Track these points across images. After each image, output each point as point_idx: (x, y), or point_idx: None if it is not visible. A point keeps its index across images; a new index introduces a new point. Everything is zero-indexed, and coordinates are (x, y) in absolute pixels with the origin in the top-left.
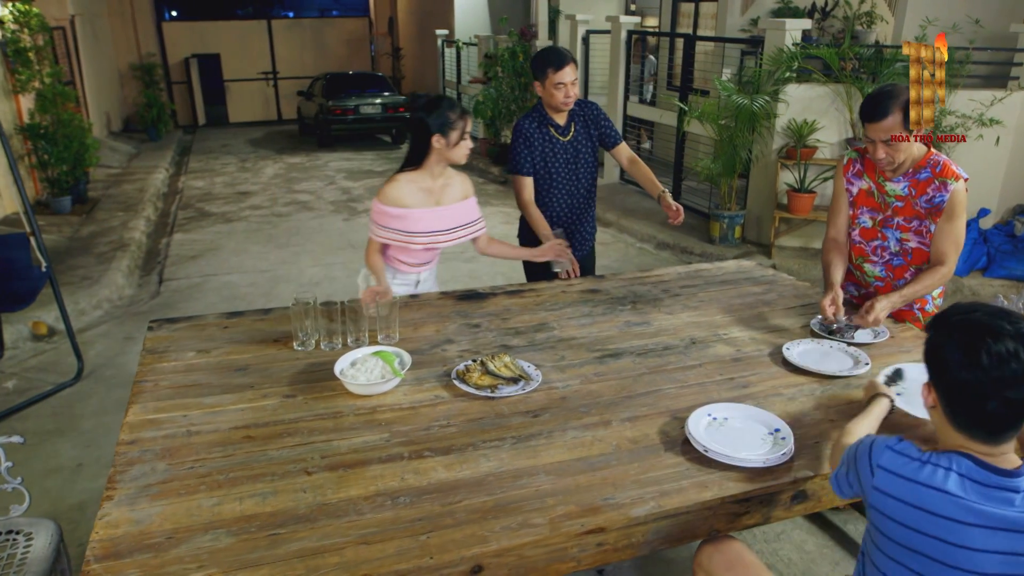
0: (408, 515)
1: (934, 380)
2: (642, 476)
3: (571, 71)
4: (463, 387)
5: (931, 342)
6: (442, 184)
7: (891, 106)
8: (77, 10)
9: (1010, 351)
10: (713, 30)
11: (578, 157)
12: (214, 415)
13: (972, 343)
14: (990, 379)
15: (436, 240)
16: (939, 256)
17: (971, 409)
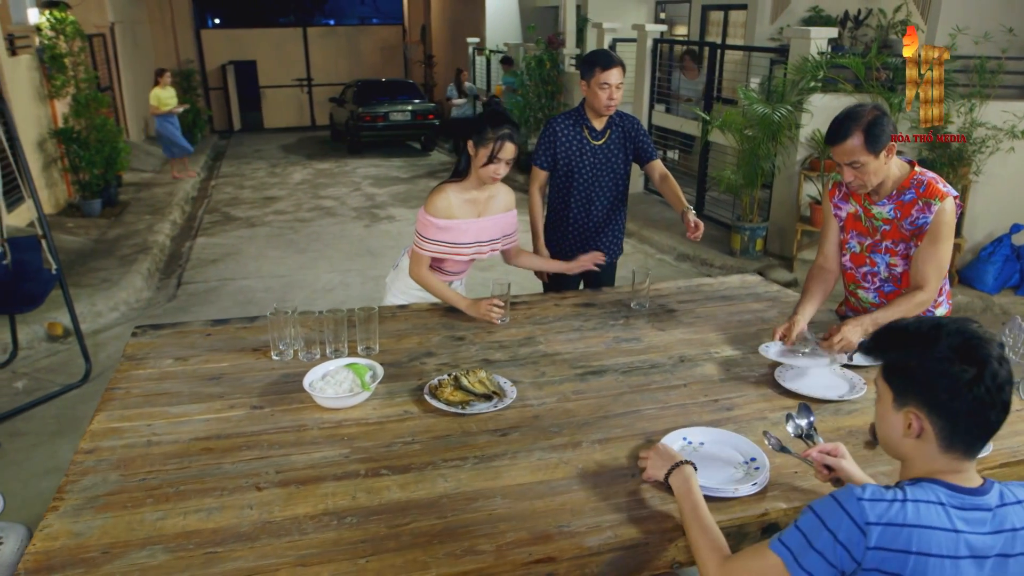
0: (352, 536)
1: (925, 405)
2: (603, 503)
3: (618, 74)
4: (434, 403)
5: (915, 370)
6: (488, 196)
7: (851, 128)
8: (117, 17)
9: (1000, 354)
10: (742, 38)
11: (606, 164)
12: (178, 425)
13: (979, 356)
14: (997, 387)
15: (480, 252)
16: (918, 280)
17: (978, 424)
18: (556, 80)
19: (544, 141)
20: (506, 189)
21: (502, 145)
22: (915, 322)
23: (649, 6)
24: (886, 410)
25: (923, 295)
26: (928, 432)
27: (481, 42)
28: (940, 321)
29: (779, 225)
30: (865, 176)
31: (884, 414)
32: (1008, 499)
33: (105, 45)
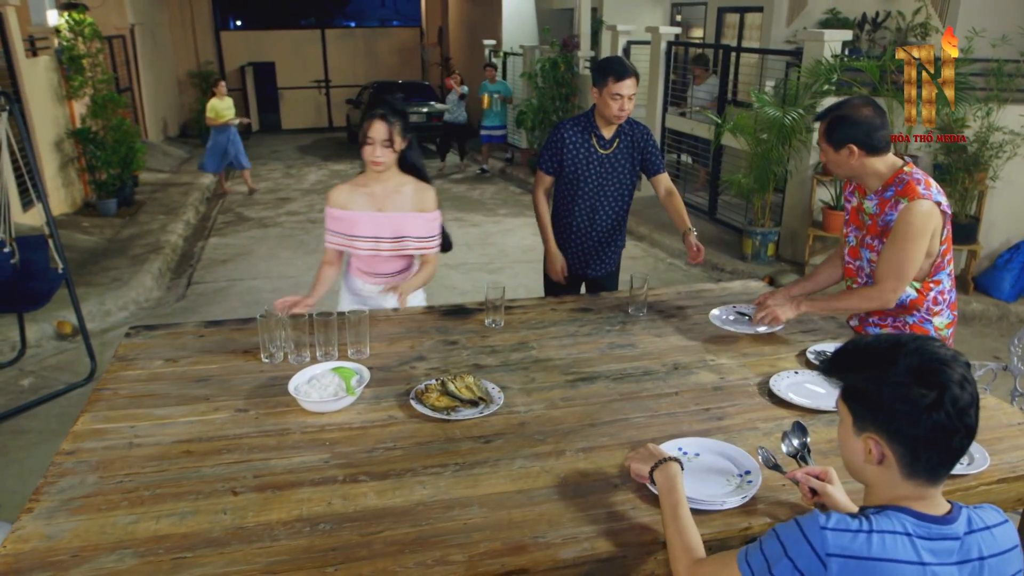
0: (323, 544)
1: (886, 432)
2: (582, 514)
3: (631, 84)
4: (419, 408)
5: (874, 394)
6: (389, 190)
7: (821, 118)
8: (137, 19)
9: (962, 376)
10: (759, 41)
11: (612, 173)
12: (161, 427)
13: (938, 380)
14: (958, 412)
15: (379, 248)
16: (878, 277)
17: (941, 450)
18: (570, 83)
19: (551, 146)
20: (420, 188)
21: (370, 123)
22: (873, 341)
23: (665, 8)
24: (847, 434)
25: (875, 292)
26: (889, 459)
27: (498, 44)
28: (899, 340)
29: (791, 230)
30: (836, 169)
31: (845, 438)
32: (976, 525)
33: (125, 46)
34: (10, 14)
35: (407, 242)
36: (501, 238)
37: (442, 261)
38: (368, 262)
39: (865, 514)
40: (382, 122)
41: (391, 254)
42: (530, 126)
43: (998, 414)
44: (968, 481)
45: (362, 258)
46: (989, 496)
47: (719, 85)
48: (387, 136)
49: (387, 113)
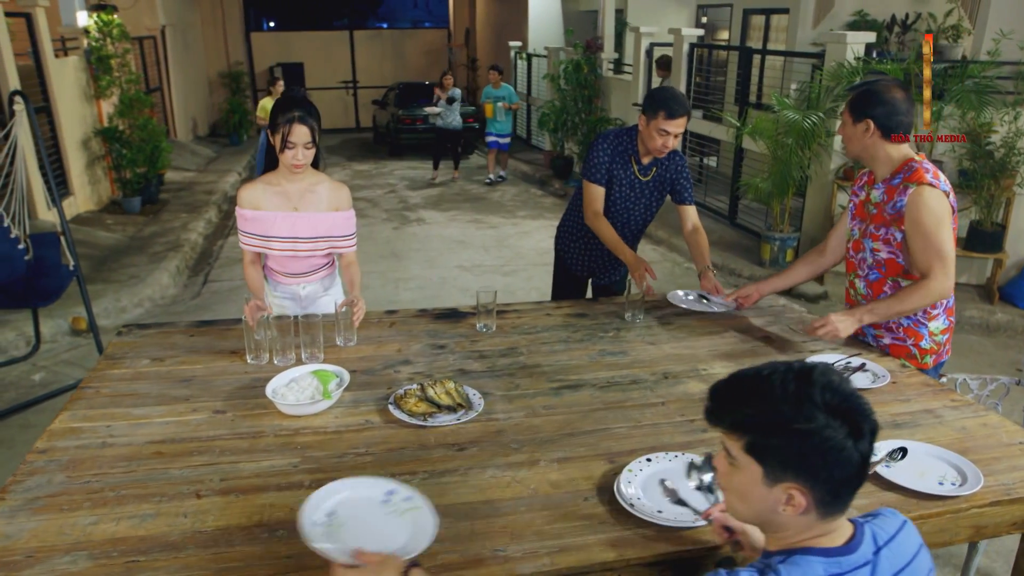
0: (279, 551)
1: (806, 477)
2: (548, 527)
3: (682, 124)
4: (396, 413)
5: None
6: (303, 189)
7: None
8: (168, 20)
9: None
10: (784, 43)
11: (641, 199)
12: (137, 427)
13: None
14: (871, 444)
15: (297, 248)
16: (922, 270)
17: (858, 483)
18: (593, 85)
19: (598, 158)
20: (334, 187)
21: (291, 128)
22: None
23: (691, 10)
24: (751, 484)
25: (933, 283)
26: (810, 504)
27: (523, 46)
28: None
29: (811, 236)
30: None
31: (748, 488)
32: (881, 540)
33: (156, 47)
34: (39, 15)
35: (325, 242)
36: (518, 240)
37: (456, 263)
38: (283, 262)
39: (771, 565)
40: (303, 125)
41: (308, 254)
42: (552, 128)
43: (999, 432)
44: (958, 503)
45: (276, 258)
46: (982, 520)
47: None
48: (309, 138)
49: (305, 115)
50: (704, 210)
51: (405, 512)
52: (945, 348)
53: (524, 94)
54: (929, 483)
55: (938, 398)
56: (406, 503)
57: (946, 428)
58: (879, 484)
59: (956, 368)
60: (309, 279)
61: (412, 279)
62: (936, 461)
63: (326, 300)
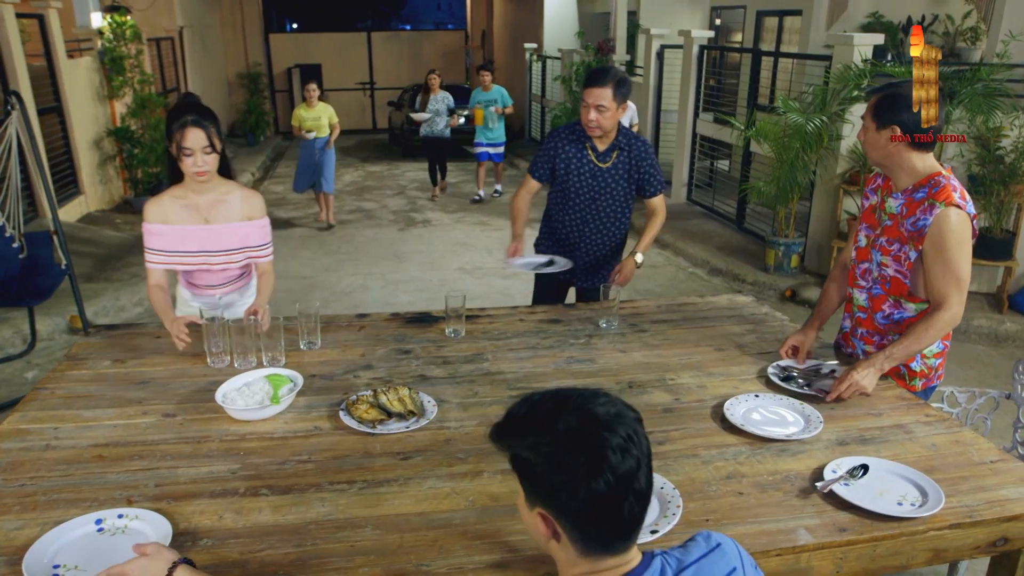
0: (198, 560)
1: (550, 506)
2: (478, 541)
3: (599, 94)
4: (346, 420)
5: (533, 464)
6: (212, 200)
7: None
8: (187, 21)
9: (625, 437)
10: (797, 45)
11: (606, 188)
12: (84, 430)
13: (592, 447)
14: (620, 479)
15: (209, 261)
16: (935, 297)
17: (610, 521)
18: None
19: (544, 151)
20: (245, 195)
21: (184, 133)
22: (541, 399)
23: (704, 12)
24: (521, 504)
25: (947, 314)
26: (562, 535)
27: (538, 48)
28: (564, 398)
29: (817, 241)
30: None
31: (523, 512)
32: (671, 570)
33: (173, 48)
34: (52, 16)
35: (240, 253)
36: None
37: (457, 265)
38: (198, 275)
39: None
40: (197, 128)
41: (222, 267)
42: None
43: (971, 450)
44: (915, 525)
45: (191, 272)
46: (941, 543)
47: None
48: (207, 142)
49: (199, 118)
50: (712, 214)
51: (126, 527)
52: (937, 373)
53: (538, 96)
54: (887, 503)
55: (912, 412)
56: (121, 520)
57: (915, 445)
58: (833, 504)
59: (960, 380)
60: (225, 289)
61: (412, 281)
62: (898, 480)
63: (244, 305)
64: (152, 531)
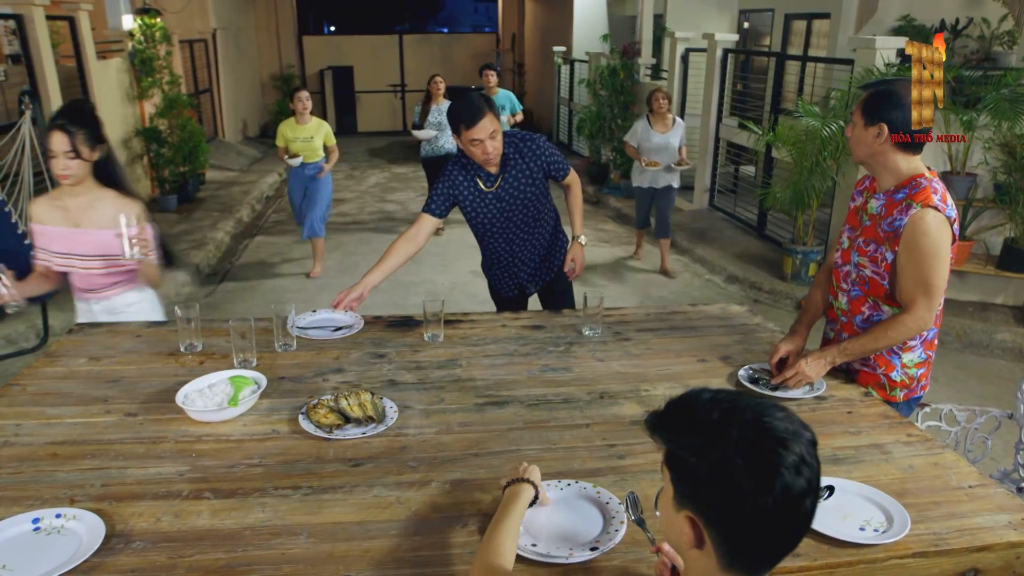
0: (126, 564)
1: (703, 513)
2: (412, 554)
3: (486, 125)
4: (304, 424)
5: (693, 467)
6: (83, 205)
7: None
8: (220, 24)
9: (800, 457)
10: (825, 49)
11: (511, 206)
12: (45, 427)
13: (769, 461)
14: (789, 500)
15: (73, 264)
16: (905, 300)
17: (767, 541)
18: (630, 90)
19: (442, 186)
20: (122, 204)
21: (50, 136)
22: (710, 400)
23: (732, 15)
24: (667, 506)
25: (908, 319)
26: (708, 544)
27: (567, 51)
28: (738, 404)
29: None
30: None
31: (665, 509)
32: None
33: (206, 49)
34: (82, 18)
35: (106, 260)
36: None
37: (470, 268)
38: (82, 279)
39: None
40: (61, 133)
41: (86, 271)
42: (588, 133)
43: (949, 473)
44: (875, 552)
45: (77, 275)
46: (902, 572)
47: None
48: (69, 147)
49: (66, 123)
50: (733, 220)
51: (63, 527)
52: (920, 383)
53: (566, 99)
54: (848, 527)
55: (893, 432)
56: (58, 520)
57: (891, 466)
58: None
59: (977, 396)
60: (99, 298)
61: (423, 283)
62: (866, 503)
63: (138, 308)
64: (86, 532)
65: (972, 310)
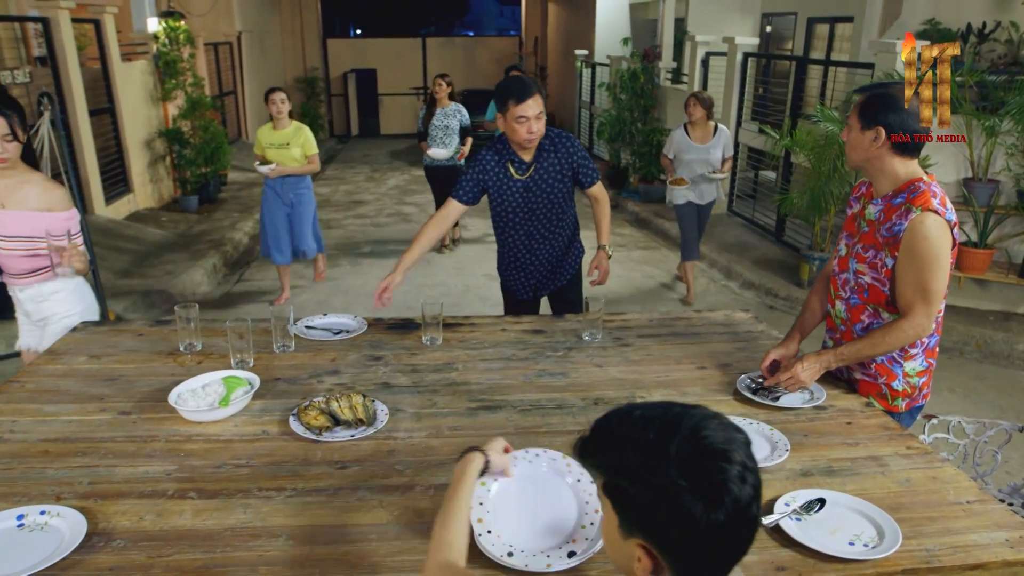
0: (104, 562)
1: (654, 538)
2: (390, 559)
3: (535, 103)
4: (294, 425)
5: (635, 494)
6: (10, 186)
7: None
8: (245, 27)
9: (742, 464)
10: (848, 53)
11: (538, 198)
12: (40, 424)
13: (716, 479)
14: (739, 510)
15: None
16: (904, 306)
17: (722, 553)
18: (650, 94)
19: (472, 172)
20: (48, 188)
21: None
22: (641, 421)
23: (755, 19)
24: (612, 531)
25: (907, 325)
26: (667, 569)
27: (589, 55)
28: (671, 419)
29: None
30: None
31: (610, 535)
32: None
33: (231, 52)
34: (107, 21)
35: (30, 242)
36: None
37: (484, 271)
38: (6, 262)
39: None
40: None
41: (24, 254)
42: (608, 137)
43: (947, 488)
44: (862, 568)
45: (1, 258)
46: None
47: (792, 96)
48: (8, 130)
49: (2, 108)
50: (751, 226)
51: (46, 524)
52: (922, 392)
53: (587, 103)
54: (837, 542)
55: (892, 444)
56: (42, 517)
57: (887, 479)
58: (778, 540)
59: (995, 408)
60: (24, 285)
61: (437, 286)
62: (857, 517)
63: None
64: (68, 529)
65: (993, 319)
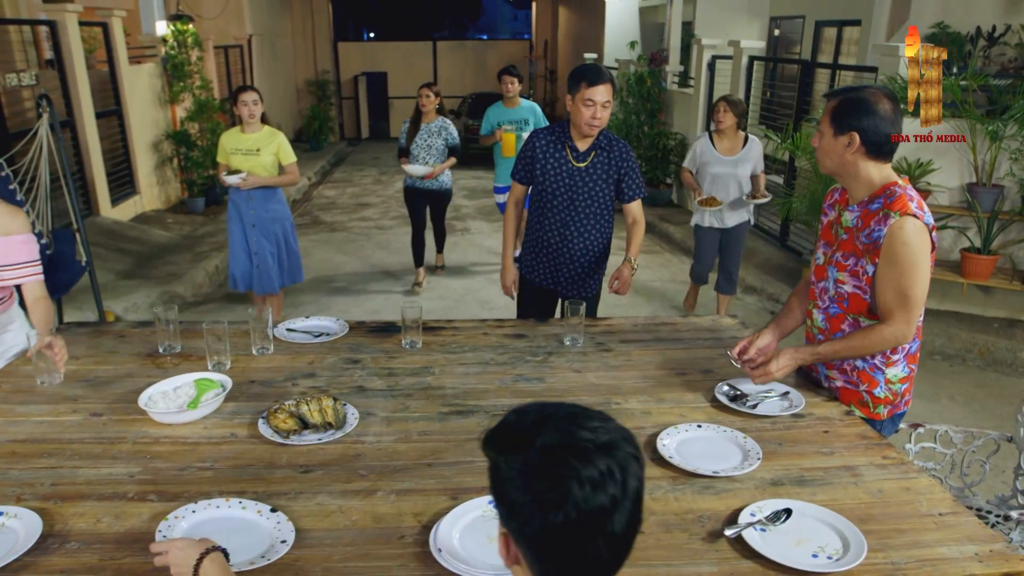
0: (56, 564)
1: (511, 528)
2: (342, 564)
3: (605, 91)
4: (262, 428)
5: (504, 478)
6: None
7: None
8: (256, 30)
9: (604, 471)
10: (856, 57)
11: (585, 189)
12: (10, 425)
13: (557, 474)
14: (583, 517)
15: None
16: (883, 311)
17: (568, 562)
18: (657, 98)
19: (524, 154)
20: (6, 211)
21: None
22: (529, 410)
23: (763, 22)
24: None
25: (886, 330)
26: (523, 562)
27: (599, 58)
28: (553, 411)
29: None
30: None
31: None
32: None
33: (242, 55)
34: (115, 25)
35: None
36: None
37: (485, 274)
38: None
39: None
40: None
41: None
42: None
43: (921, 499)
44: None
45: None
46: None
47: (798, 100)
48: None
49: None
50: (756, 230)
51: (3, 525)
52: (904, 399)
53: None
54: (800, 554)
55: (868, 454)
56: (0, 518)
57: (859, 490)
58: (740, 551)
59: (996, 417)
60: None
61: (436, 288)
62: (824, 528)
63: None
64: (23, 531)
65: (997, 326)
